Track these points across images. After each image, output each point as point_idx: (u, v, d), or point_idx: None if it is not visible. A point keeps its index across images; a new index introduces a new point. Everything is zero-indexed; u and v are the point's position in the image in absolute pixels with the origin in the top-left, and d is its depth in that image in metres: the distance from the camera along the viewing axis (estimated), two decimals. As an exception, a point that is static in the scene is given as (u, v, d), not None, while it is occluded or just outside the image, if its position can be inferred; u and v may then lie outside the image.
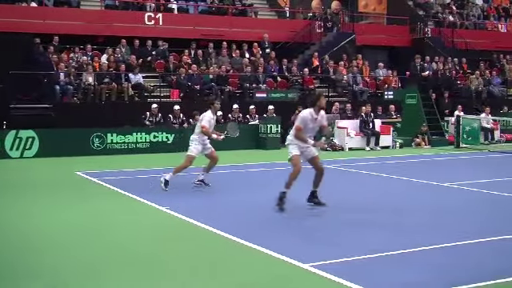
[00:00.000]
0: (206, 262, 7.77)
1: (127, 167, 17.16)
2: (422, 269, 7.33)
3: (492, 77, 31.97)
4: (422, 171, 16.99)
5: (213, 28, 28.03)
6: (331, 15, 31.86)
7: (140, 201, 11.94)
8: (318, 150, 11.37)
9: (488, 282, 6.71)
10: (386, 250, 8.04)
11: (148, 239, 8.99)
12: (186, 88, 24.01)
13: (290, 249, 8.13)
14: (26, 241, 8.88)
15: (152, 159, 19.16)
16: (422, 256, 7.91)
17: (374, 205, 11.67)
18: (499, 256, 7.91)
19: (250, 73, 25.82)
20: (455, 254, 8.04)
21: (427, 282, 6.83)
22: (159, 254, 8.19)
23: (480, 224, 9.92)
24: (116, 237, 9.16)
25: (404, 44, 33.01)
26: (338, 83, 28.14)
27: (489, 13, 38.05)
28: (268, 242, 8.44)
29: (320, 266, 7.34)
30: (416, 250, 8.12)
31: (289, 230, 9.52)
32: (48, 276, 7.21)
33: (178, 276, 7.23)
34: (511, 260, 7.71)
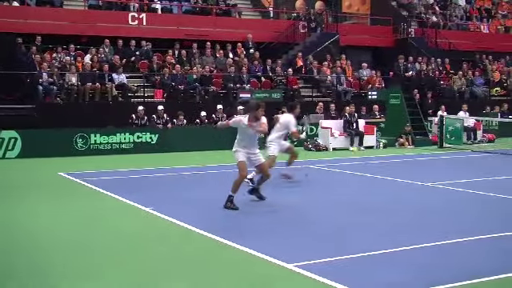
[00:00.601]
0: (190, 263, 7.76)
1: (111, 168, 17.11)
2: (405, 268, 7.37)
3: (475, 77, 32.17)
4: (406, 171, 17.07)
5: (197, 28, 28.00)
6: (315, 15, 31.91)
7: (124, 201, 11.91)
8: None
9: (471, 281, 6.76)
10: (370, 250, 8.07)
11: (131, 240, 8.97)
12: (170, 88, 23.97)
13: (274, 249, 8.14)
14: (8, 241, 8.83)
15: (136, 160, 19.11)
16: (405, 256, 7.95)
17: (358, 205, 11.70)
18: (481, 255, 7.96)
19: (233, 73, 25.80)
20: (438, 253, 8.07)
21: (411, 282, 6.86)
22: (143, 254, 8.17)
23: (463, 224, 9.98)
24: (98, 238, 9.12)
25: (387, 44, 33.15)
26: (322, 83, 28.21)
27: (471, 14, 38.31)
28: (252, 243, 8.44)
29: (304, 266, 7.35)
30: (400, 249, 8.16)
31: (273, 231, 9.52)
32: (25, 276, 7.19)
33: (160, 276, 7.21)
34: (493, 259, 7.75)
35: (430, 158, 20.34)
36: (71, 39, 24.93)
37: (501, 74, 33.69)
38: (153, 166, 17.46)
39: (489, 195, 12.63)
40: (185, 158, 19.71)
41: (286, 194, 12.48)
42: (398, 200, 12.32)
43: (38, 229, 9.73)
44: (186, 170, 16.96)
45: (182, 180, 15.29)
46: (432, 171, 17.00)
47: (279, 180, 13.90)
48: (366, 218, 10.34)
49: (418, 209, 11.32)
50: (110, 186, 13.77)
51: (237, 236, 8.90)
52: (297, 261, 7.52)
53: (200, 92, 24.39)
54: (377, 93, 28.28)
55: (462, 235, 8.87)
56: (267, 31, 30.08)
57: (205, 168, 17.33)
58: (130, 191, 13.03)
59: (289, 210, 10.98)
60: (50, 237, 9.19)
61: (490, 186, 13.87)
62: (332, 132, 22.82)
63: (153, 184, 14.58)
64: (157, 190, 13.56)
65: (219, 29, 28.60)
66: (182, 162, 18.36)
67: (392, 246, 8.28)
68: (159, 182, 15.00)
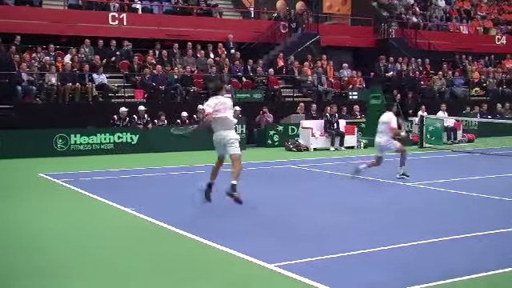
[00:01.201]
0: (169, 263, 7.77)
1: (91, 168, 17.06)
2: (386, 268, 7.43)
3: (454, 77, 32.44)
4: (386, 171, 17.15)
5: (177, 28, 27.97)
6: (296, 16, 31.98)
7: (104, 202, 11.89)
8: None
9: (445, 281, 6.83)
10: (350, 250, 8.13)
11: (112, 241, 8.97)
12: (151, 88, 23.92)
13: (254, 249, 8.18)
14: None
15: (116, 160, 19.08)
16: (384, 255, 8.01)
17: (339, 205, 11.79)
18: (455, 255, 8.03)
19: (214, 73, 25.81)
20: (419, 253, 8.15)
21: (390, 282, 6.92)
22: (122, 255, 8.18)
23: (440, 224, 10.06)
24: (79, 239, 9.10)
25: (368, 45, 33.31)
26: (303, 83, 28.29)
27: (451, 14, 38.59)
28: (233, 243, 8.47)
29: (285, 266, 7.39)
30: (379, 249, 8.22)
31: (254, 231, 9.56)
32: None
33: (139, 277, 7.22)
34: (467, 259, 7.83)
35: (410, 158, 20.34)
36: (51, 39, 24.78)
37: (480, 75, 34.01)
38: (133, 167, 17.43)
39: (467, 195, 12.75)
40: (166, 158, 19.69)
41: (267, 194, 12.51)
42: (378, 200, 12.40)
43: (18, 230, 9.69)
44: (167, 170, 16.95)
45: (163, 180, 15.29)
46: (414, 171, 17.07)
47: (259, 178, 13.93)
48: (346, 218, 10.42)
49: (398, 209, 11.41)
50: (91, 186, 13.74)
51: (217, 236, 8.93)
52: (278, 261, 7.56)
53: (181, 92, 24.37)
54: (357, 93, 28.43)
55: (439, 235, 8.94)
56: (248, 31, 30.11)
57: (186, 168, 17.32)
58: (111, 192, 13.02)
59: (270, 210, 11.02)
60: (30, 238, 9.16)
61: (469, 185, 14.00)
62: (313, 132, 22.90)
63: (133, 184, 14.56)
64: (138, 191, 13.56)
65: (200, 29, 28.59)
66: (163, 163, 18.34)
67: (371, 245, 8.34)
68: (140, 182, 14.99)
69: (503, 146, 23.72)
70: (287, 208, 11.41)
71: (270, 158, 19.77)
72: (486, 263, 7.50)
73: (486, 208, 11.52)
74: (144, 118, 21.88)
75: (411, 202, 12.25)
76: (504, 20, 40.69)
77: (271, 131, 24.10)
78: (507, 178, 15.69)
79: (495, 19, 40.47)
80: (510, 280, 6.98)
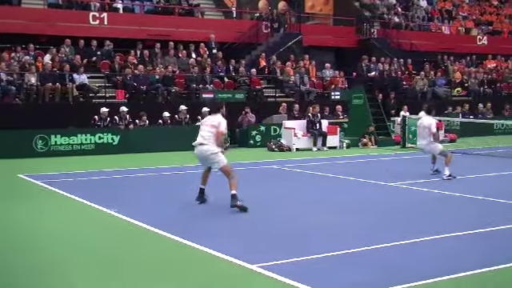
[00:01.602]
0: (149, 264, 7.72)
1: (72, 169, 16.95)
2: (369, 268, 7.42)
3: (436, 78, 32.63)
4: (370, 171, 17.22)
5: (159, 28, 27.89)
6: (278, 16, 32.02)
7: (86, 203, 11.80)
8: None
9: (425, 281, 6.83)
10: (334, 250, 8.12)
11: (94, 242, 8.90)
12: (132, 88, 23.83)
13: (236, 250, 8.15)
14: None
15: (97, 161, 18.98)
16: (369, 255, 8.01)
17: (321, 205, 11.79)
18: (436, 255, 8.05)
19: (196, 73, 25.77)
20: (401, 253, 8.16)
21: (374, 282, 6.92)
22: (102, 256, 8.12)
23: (425, 223, 10.09)
24: (58, 240, 9.03)
25: (350, 45, 33.42)
26: (285, 84, 28.31)
27: (433, 15, 38.84)
28: (214, 243, 8.44)
29: (267, 266, 7.37)
30: (364, 249, 8.22)
31: (236, 231, 9.54)
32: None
33: (121, 278, 7.18)
34: (447, 259, 7.86)
35: (392, 158, 20.56)
36: (30, 38, 24.61)
37: (462, 75, 34.23)
38: (115, 168, 17.35)
39: (449, 194, 12.80)
40: (147, 159, 19.61)
41: (249, 195, 12.47)
42: (361, 200, 12.42)
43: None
44: (150, 170, 16.88)
45: (145, 181, 15.23)
46: (395, 171, 17.17)
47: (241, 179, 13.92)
48: (329, 218, 10.43)
49: (381, 208, 11.43)
50: (72, 187, 13.64)
51: (198, 236, 8.89)
52: (260, 261, 7.53)
53: (162, 92, 24.30)
54: (340, 93, 28.50)
55: (420, 235, 8.96)
56: (230, 31, 30.10)
57: (168, 169, 17.27)
58: (92, 193, 12.94)
59: (252, 210, 10.98)
60: (9, 239, 9.07)
61: (451, 185, 14.05)
62: (295, 132, 22.92)
63: (115, 185, 14.50)
64: (119, 192, 13.50)
65: (182, 29, 28.54)
66: (145, 163, 18.27)
67: (354, 245, 8.34)
68: (121, 183, 14.92)
69: (485, 146, 23.87)
70: (270, 208, 11.40)
71: (253, 159, 19.76)
72: (465, 263, 7.52)
73: (467, 208, 11.56)
74: (126, 118, 21.78)
75: (393, 201, 12.27)
76: (485, 20, 41.02)
77: (253, 131, 24.11)
78: (489, 177, 15.80)
79: (476, 20, 40.79)
80: (488, 280, 7.01)
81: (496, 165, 18.33)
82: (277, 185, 14.72)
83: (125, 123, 21.69)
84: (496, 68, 36.76)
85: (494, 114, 31.30)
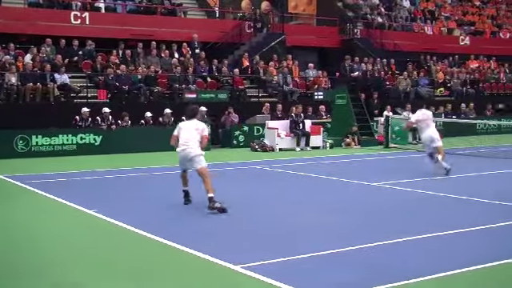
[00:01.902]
0: (133, 266, 7.68)
1: (53, 170, 16.84)
2: (353, 268, 7.43)
3: (419, 78, 32.76)
4: (352, 171, 17.26)
5: (141, 28, 27.77)
6: (261, 16, 32.01)
7: (67, 204, 11.73)
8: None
9: (408, 281, 6.85)
10: (318, 250, 8.12)
11: (75, 243, 8.84)
12: (114, 88, 23.71)
13: (220, 250, 8.12)
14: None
15: (79, 161, 18.87)
16: (354, 255, 8.03)
17: (305, 205, 11.79)
18: (418, 255, 8.08)
19: (179, 73, 25.69)
20: (385, 253, 8.18)
21: (359, 282, 6.93)
22: (83, 256, 8.06)
23: (407, 223, 10.14)
24: (40, 240, 8.96)
25: (333, 45, 33.47)
26: (268, 84, 28.29)
27: (416, 15, 39.00)
28: (197, 244, 8.42)
29: (251, 267, 7.35)
30: (348, 249, 8.24)
31: (220, 232, 9.51)
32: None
33: (99, 279, 7.13)
34: (429, 259, 7.89)
35: (376, 158, 20.61)
36: (11, 38, 24.41)
37: (445, 75, 34.40)
38: (97, 168, 17.25)
39: (431, 194, 12.85)
40: (129, 159, 19.53)
41: (232, 195, 12.46)
42: (344, 200, 12.45)
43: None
44: (131, 171, 16.81)
45: (127, 181, 15.16)
46: (378, 171, 17.22)
47: (224, 179, 13.89)
48: (312, 219, 10.43)
49: (364, 208, 11.45)
50: (52, 188, 13.55)
51: (181, 237, 8.86)
52: (243, 262, 7.52)
53: (145, 92, 24.20)
54: (323, 93, 28.53)
55: (403, 235, 8.98)
56: (213, 31, 30.04)
57: (149, 170, 17.20)
58: (73, 193, 12.88)
59: (235, 210, 10.97)
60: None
61: (434, 185, 14.13)
62: (278, 132, 22.91)
63: (96, 186, 14.42)
64: (100, 192, 13.43)
65: (164, 28, 28.44)
66: (127, 164, 18.19)
67: (339, 246, 8.35)
68: (103, 183, 14.84)
69: (468, 146, 24.02)
70: (253, 209, 11.39)
71: (236, 159, 19.73)
72: (447, 263, 7.54)
73: (450, 207, 11.62)
74: (108, 119, 21.67)
75: (377, 201, 12.29)
76: (467, 21, 41.25)
77: (236, 132, 24.07)
78: (471, 177, 15.89)
79: (459, 20, 41.02)
80: (467, 280, 7.05)
81: (477, 165, 18.45)
82: (260, 185, 14.70)
83: (107, 124, 21.57)
84: (478, 68, 36.99)
85: (476, 113, 31.49)
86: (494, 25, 42.06)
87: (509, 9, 45.69)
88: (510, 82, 36.69)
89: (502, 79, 36.59)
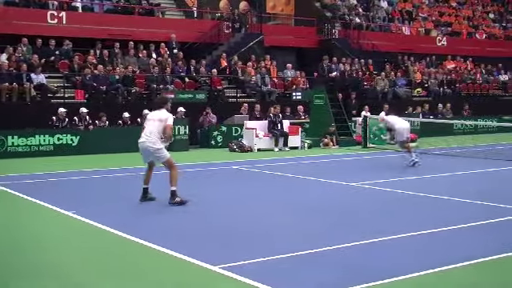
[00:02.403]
0: (108, 267, 7.68)
1: (30, 171, 16.71)
2: (331, 268, 7.47)
3: (397, 78, 32.98)
4: (331, 171, 17.34)
5: (119, 28, 27.67)
6: (239, 16, 32.04)
7: (44, 206, 11.65)
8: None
9: (382, 281, 6.90)
10: (296, 250, 8.14)
11: (53, 245, 8.80)
12: (92, 89, 23.60)
13: (198, 251, 8.12)
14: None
15: (56, 162, 18.75)
16: (331, 255, 8.07)
17: (283, 205, 11.82)
18: (395, 255, 8.15)
19: (157, 73, 25.64)
20: (361, 252, 8.23)
21: (337, 282, 6.97)
22: (61, 258, 8.03)
23: (386, 223, 10.21)
24: (15, 242, 8.90)
25: (311, 45, 33.59)
26: (247, 84, 28.33)
27: (393, 15, 39.25)
28: (175, 245, 8.42)
29: (230, 267, 7.36)
30: (325, 249, 8.28)
31: (198, 232, 9.51)
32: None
33: (76, 281, 7.11)
34: (405, 259, 7.96)
35: (354, 158, 20.71)
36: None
37: (422, 75, 34.67)
38: (74, 169, 17.16)
39: (409, 194, 12.95)
40: (107, 159, 19.44)
41: (210, 196, 12.48)
42: (322, 200, 12.50)
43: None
44: (110, 172, 16.75)
45: (105, 182, 15.10)
46: (356, 171, 17.31)
47: (202, 179, 13.90)
48: (290, 219, 10.47)
49: (341, 208, 11.52)
50: (29, 189, 13.46)
51: (159, 238, 8.85)
52: (222, 262, 7.53)
53: (123, 92, 24.12)
54: (301, 93, 28.62)
55: (379, 235, 9.06)
56: (191, 31, 30.01)
57: (127, 170, 17.15)
58: (50, 194, 12.81)
59: (214, 211, 10.99)
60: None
61: (411, 185, 14.24)
62: (257, 133, 22.94)
63: (74, 187, 14.35)
64: (79, 193, 13.36)
65: (142, 28, 28.37)
66: (105, 164, 18.11)
67: (317, 246, 8.39)
68: (81, 184, 14.77)
69: (445, 146, 24.23)
70: (231, 209, 11.40)
71: (214, 159, 19.73)
72: (423, 263, 7.61)
73: (426, 207, 11.71)
74: (86, 120, 21.56)
75: (355, 201, 12.36)
76: (444, 22, 41.59)
77: (215, 132, 24.06)
78: (446, 177, 16.02)
79: (436, 21, 41.34)
80: (441, 279, 7.12)
81: (456, 165, 18.62)
82: (238, 185, 14.72)
83: (84, 124, 21.46)
84: (455, 69, 37.35)
85: (453, 114, 31.78)
86: (470, 26, 42.44)
87: (485, 10, 46.16)
88: (486, 83, 37.12)
89: (478, 80, 37.04)
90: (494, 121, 32.01)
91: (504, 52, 40.77)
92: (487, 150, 22.30)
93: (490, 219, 10.23)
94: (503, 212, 10.94)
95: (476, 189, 13.61)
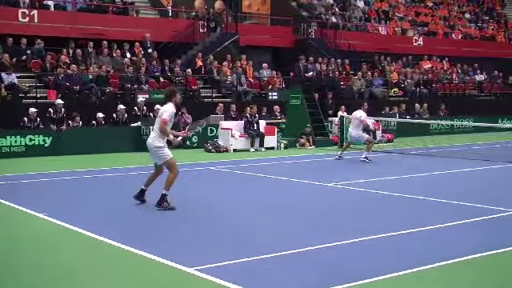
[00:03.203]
0: (82, 269, 7.60)
1: (0, 173, 16.51)
2: (312, 269, 7.48)
3: (373, 78, 33.14)
4: (308, 172, 17.35)
5: (92, 26, 27.46)
6: (214, 15, 31.97)
7: (16, 208, 11.52)
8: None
9: (363, 281, 6.94)
10: (276, 251, 8.14)
11: (25, 248, 8.70)
12: (65, 89, 23.40)
13: (174, 253, 8.09)
14: None
15: (28, 164, 18.54)
16: (312, 256, 8.07)
17: (262, 206, 11.82)
18: (375, 255, 8.19)
19: (131, 73, 25.51)
20: (343, 252, 8.26)
21: (319, 283, 6.98)
22: (33, 261, 7.94)
23: (365, 223, 10.24)
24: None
25: (288, 45, 33.62)
26: (222, 84, 28.29)
27: (370, 15, 39.43)
28: (151, 246, 8.37)
29: (207, 269, 7.34)
30: (307, 249, 8.30)
31: (174, 233, 9.46)
32: None
33: (50, 285, 7.04)
34: (386, 259, 8.01)
35: (330, 159, 20.75)
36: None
37: (398, 75, 34.86)
38: (47, 170, 17.00)
39: (386, 194, 13.02)
40: (81, 160, 19.27)
41: (185, 197, 12.43)
42: (301, 200, 12.51)
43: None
44: (84, 173, 16.60)
45: (78, 184, 14.96)
46: (332, 171, 17.36)
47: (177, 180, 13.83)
48: (270, 219, 10.49)
49: (320, 209, 11.54)
50: (2, 192, 13.30)
51: (134, 239, 8.80)
52: (199, 264, 7.49)
53: (96, 92, 23.96)
54: (277, 93, 28.64)
55: (359, 235, 9.09)
56: (166, 31, 29.90)
57: (102, 171, 17.04)
58: (22, 196, 12.66)
59: (189, 212, 10.94)
60: None
61: (390, 185, 14.32)
62: (232, 133, 22.91)
63: (47, 189, 14.20)
64: (51, 195, 13.23)
65: (116, 28, 28.20)
66: (79, 166, 17.94)
67: (297, 246, 8.40)
68: (54, 186, 14.62)
69: (421, 146, 24.39)
70: (207, 210, 11.36)
71: (189, 160, 19.65)
72: (402, 263, 7.67)
73: (404, 207, 11.79)
74: (60, 112, 21.36)
75: (333, 202, 12.41)
76: (421, 22, 41.87)
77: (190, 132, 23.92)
78: (423, 177, 16.12)
79: (412, 21, 41.61)
80: (419, 279, 7.17)
81: (431, 164, 18.73)
82: (215, 186, 14.68)
83: (59, 117, 21.23)
84: (431, 69, 37.62)
85: (430, 114, 32.01)
86: (446, 26, 42.78)
87: (461, 10, 46.56)
88: (462, 83, 37.44)
89: (454, 80, 37.33)
90: (470, 121, 32.28)
91: (480, 52, 41.18)
92: (464, 150, 22.50)
93: (465, 219, 10.33)
94: (479, 212, 11.05)
95: (453, 189, 13.70)
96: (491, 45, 42.74)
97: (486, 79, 39.38)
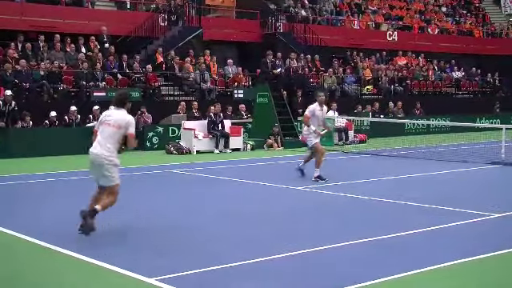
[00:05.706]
0: (34, 279, 7.52)
1: None
2: (279, 278, 7.51)
3: (345, 75, 33.31)
4: (275, 174, 17.38)
5: (43, 19, 27.20)
6: (176, 8, 31.86)
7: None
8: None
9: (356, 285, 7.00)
10: (231, 261, 8.14)
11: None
12: (13, 86, 23.12)
13: (131, 263, 8.04)
14: None
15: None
16: (279, 265, 8.11)
17: (225, 212, 11.79)
18: (344, 262, 8.25)
19: (86, 69, 25.31)
20: (313, 260, 8.29)
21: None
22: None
23: (329, 229, 10.28)
24: None
25: (254, 39, 33.64)
26: (184, 81, 28.22)
27: (341, 8, 39.63)
28: (107, 255, 8.33)
29: (167, 279, 7.33)
30: (274, 257, 8.33)
31: (131, 243, 9.41)
32: None
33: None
34: (355, 266, 8.05)
35: (299, 160, 20.77)
36: None
37: (372, 72, 35.03)
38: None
39: (358, 198, 13.09)
40: (32, 163, 19.07)
41: (144, 203, 12.36)
42: (266, 205, 12.52)
43: None
44: (34, 177, 16.42)
45: (29, 189, 14.79)
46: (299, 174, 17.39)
47: (136, 185, 13.76)
48: (231, 227, 10.49)
49: (286, 215, 11.56)
50: None
51: (89, 248, 8.74)
52: (159, 274, 7.48)
53: (48, 90, 23.73)
54: (243, 91, 28.65)
55: (329, 242, 9.13)
56: (124, 24, 29.72)
57: (56, 175, 16.86)
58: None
59: (148, 219, 10.87)
60: None
61: (360, 188, 14.39)
62: (195, 134, 22.85)
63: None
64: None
65: (69, 20, 27.97)
66: (30, 169, 17.74)
67: (262, 254, 8.41)
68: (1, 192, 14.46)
69: (395, 147, 24.57)
70: (166, 217, 11.31)
71: (149, 162, 19.58)
72: (373, 271, 7.71)
73: (375, 212, 11.85)
74: (10, 104, 21.12)
75: (302, 206, 12.42)
76: (395, 15, 42.20)
77: (150, 133, 23.86)
78: (397, 180, 16.24)
79: (386, 14, 41.92)
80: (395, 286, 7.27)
81: (407, 166, 18.88)
82: (175, 191, 14.63)
83: (9, 109, 20.96)
84: (406, 65, 37.92)
85: (405, 113, 32.24)
86: (422, 20, 43.18)
87: (437, 3, 47.06)
88: (438, 80, 37.77)
89: (430, 77, 37.62)
90: (447, 120, 32.60)
91: (457, 48, 41.71)
92: (440, 150, 22.71)
93: (438, 225, 10.37)
94: (454, 215, 11.15)
95: (425, 192, 13.82)
96: (469, 40, 43.29)
97: (463, 76, 39.82)
